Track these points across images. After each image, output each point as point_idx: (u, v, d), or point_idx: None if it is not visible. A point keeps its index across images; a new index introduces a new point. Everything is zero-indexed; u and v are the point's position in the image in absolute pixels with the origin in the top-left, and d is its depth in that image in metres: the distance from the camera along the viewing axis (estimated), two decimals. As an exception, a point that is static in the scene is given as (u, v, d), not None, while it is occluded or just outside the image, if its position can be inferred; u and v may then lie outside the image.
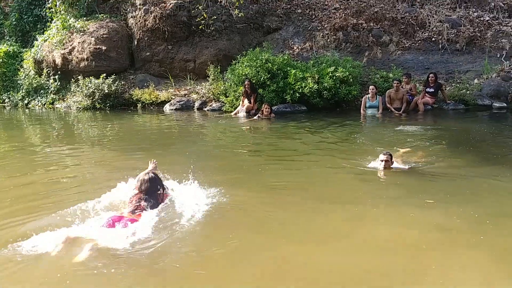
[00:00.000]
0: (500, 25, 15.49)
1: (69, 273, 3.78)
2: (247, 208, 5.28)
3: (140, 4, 16.57)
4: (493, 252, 4.06)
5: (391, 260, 4.04)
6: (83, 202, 5.20)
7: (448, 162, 7.26)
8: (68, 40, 16.97)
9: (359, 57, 15.33)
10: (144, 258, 4.00)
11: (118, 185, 5.59)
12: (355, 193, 5.83)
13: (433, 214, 5.00)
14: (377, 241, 4.43)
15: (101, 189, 5.66)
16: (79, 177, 6.83)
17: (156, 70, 16.71)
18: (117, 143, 10.01)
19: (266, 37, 16.58)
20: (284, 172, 6.95)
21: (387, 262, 4.01)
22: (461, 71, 14.59)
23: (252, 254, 4.19)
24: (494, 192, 5.72)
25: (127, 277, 3.71)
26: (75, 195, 5.78)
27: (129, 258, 3.98)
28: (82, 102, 15.72)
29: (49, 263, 3.93)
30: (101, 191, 5.48)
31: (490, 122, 11.52)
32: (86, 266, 3.85)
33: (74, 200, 5.42)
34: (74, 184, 6.42)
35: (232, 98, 14.03)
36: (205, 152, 8.43)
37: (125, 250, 4.07)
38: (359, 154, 7.86)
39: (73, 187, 6.24)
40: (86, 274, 3.76)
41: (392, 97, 12.93)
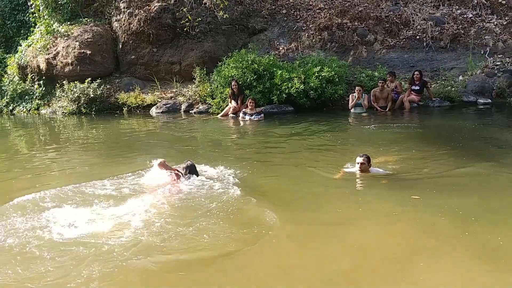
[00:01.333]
0: (483, 22, 15.63)
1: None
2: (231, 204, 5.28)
3: (125, 8, 16.48)
4: (477, 249, 4.09)
5: (377, 260, 4.05)
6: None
7: (434, 159, 7.30)
8: (52, 45, 16.82)
9: (344, 56, 15.38)
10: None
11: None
12: (338, 194, 5.83)
13: (418, 211, 5.02)
14: (361, 241, 4.44)
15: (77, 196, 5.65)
16: (59, 182, 6.75)
17: (141, 73, 16.61)
18: (101, 148, 9.93)
19: (251, 38, 16.57)
20: (266, 174, 6.92)
21: (373, 261, 4.03)
22: (446, 68, 14.69)
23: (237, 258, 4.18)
24: (479, 188, 5.76)
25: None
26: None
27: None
28: (68, 107, 15.59)
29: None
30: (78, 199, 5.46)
31: (475, 119, 11.61)
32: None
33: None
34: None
35: (219, 100, 14.00)
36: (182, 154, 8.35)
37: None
38: (344, 155, 7.87)
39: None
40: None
41: (377, 96, 13.00)
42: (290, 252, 4.28)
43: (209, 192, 5.78)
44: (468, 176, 6.25)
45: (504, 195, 5.50)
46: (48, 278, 3.81)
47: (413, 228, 4.65)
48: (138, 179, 6.49)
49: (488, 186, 5.85)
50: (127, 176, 6.62)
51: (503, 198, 5.36)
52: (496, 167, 6.61)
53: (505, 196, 5.43)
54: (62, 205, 5.35)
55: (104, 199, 5.56)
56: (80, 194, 5.79)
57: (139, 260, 4.04)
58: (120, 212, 5.15)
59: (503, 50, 14.84)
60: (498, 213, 4.96)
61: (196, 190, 5.90)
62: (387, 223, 4.82)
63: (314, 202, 5.54)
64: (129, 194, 5.85)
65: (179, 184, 6.18)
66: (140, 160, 7.77)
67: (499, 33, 15.24)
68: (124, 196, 5.73)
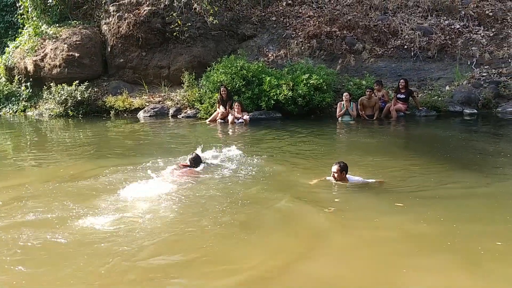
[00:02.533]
0: (470, 33, 15.80)
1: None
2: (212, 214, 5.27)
3: (114, 11, 16.44)
4: (459, 256, 4.12)
5: (362, 267, 4.06)
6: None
7: (419, 168, 7.35)
8: (40, 47, 16.71)
9: (332, 64, 15.46)
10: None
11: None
12: (324, 201, 5.83)
13: (402, 219, 5.05)
14: (346, 248, 4.45)
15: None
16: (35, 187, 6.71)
17: (130, 77, 16.56)
18: (85, 151, 9.81)
19: (241, 44, 16.61)
20: (249, 180, 6.89)
21: (357, 268, 4.04)
22: (433, 78, 14.83)
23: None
24: (462, 198, 5.81)
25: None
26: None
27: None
28: (55, 110, 15.47)
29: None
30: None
31: (461, 129, 11.72)
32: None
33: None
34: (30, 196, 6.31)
35: (207, 105, 14.00)
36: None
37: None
38: (327, 162, 7.87)
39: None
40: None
41: (364, 105, 13.07)
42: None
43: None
44: (452, 186, 6.30)
45: (486, 204, 5.55)
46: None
47: (395, 235, 4.68)
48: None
49: (472, 195, 5.90)
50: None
51: (485, 208, 5.41)
52: (480, 177, 6.67)
53: (487, 206, 5.48)
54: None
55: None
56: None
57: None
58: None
59: (489, 61, 15.01)
60: (479, 222, 5.01)
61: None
62: (373, 230, 4.84)
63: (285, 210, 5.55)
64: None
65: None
66: (125, 162, 7.76)
67: (486, 44, 15.42)
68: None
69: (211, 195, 5.96)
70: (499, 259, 4.06)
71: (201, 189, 6.21)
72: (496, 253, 4.17)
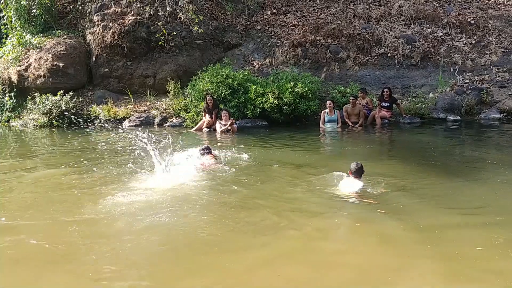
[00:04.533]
0: (452, 40, 16.04)
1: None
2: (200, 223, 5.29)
3: (99, 21, 16.40)
4: (438, 262, 4.16)
5: (340, 273, 4.08)
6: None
7: (402, 174, 7.40)
8: (24, 57, 16.61)
9: (317, 72, 15.57)
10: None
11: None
12: (308, 207, 5.84)
13: (383, 225, 5.08)
14: (328, 255, 4.47)
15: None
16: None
17: (115, 86, 16.52)
18: (64, 160, 9.72)
19: (226, 53, 16.67)
20: (238, 187, 6.90)
21: (335, 275, 4.05)
22: (417, 85, 15.00)
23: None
24: (444, 203, 5.84)
25: None
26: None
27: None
28: (39, 120, 15.35)
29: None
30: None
31: (444, 135, 11.85)
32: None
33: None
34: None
35: (193, 114, 14.00)
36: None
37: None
38: (315, 168, 7.93)
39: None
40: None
41: (349, 112, 13.17)
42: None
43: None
44: (435, 192, 6.34)
45: (466, 210, 5.60)
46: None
47: (376, 240, 4.71)
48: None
49: (453, 201, 5.94)
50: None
51: (467, 214, 5.46)
52: (463, 184, 6.73)
53: (470, 212, 5.53)
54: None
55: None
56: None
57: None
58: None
59: (472, 68, 15.24)
60: (461, 227, 5.04)
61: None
62: (349, 236, 4.88)
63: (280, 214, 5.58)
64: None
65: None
66: (110, 171, 7.73)
67: (468, 51, 15.66)
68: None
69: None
70: (477, 265, 4.10)
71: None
72: (475, 259, 4.22)
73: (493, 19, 16.59)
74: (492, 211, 5.49)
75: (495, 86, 14.52)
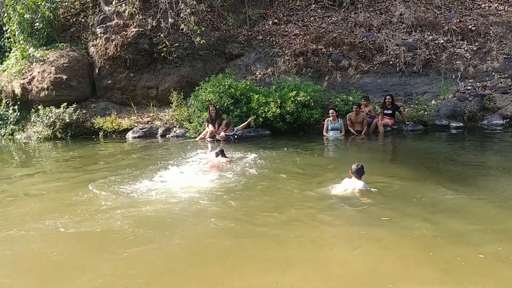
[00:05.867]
0: (454, 47, 16.07)
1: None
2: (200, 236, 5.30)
3: (101, 33, 16.52)
4: (441, 269, 4.14)
5: (345, 282, 4.07)
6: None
7: (406, 181, 7.39)
8: (27, 70, 16.74)
9: (319, 81, 15.62)
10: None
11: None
12: (313, 215, 5.86)
13: (386, 231, 5.09)
14: (331, 262, 4.46)
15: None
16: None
17: (118, 98, 16.60)
18: (69, 173, 9.79)
19: (228, 63, 16.74)
20: (242, 197, 6.91)
21: (340, 284, 4.05)
22: (419, 92, 15.01)
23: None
24: (447, 211, 5.83)
25: None
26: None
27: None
28: (43, 132, 15.44)
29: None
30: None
31: (447, 142, 11.83)
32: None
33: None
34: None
35: (196, 124, 14.05)
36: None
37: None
38: (320, 176, 7.95)
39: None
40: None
41: (352, 120, 13.20)
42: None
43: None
44: (439, 199, 6.33)
45: (472, 217, 5.58)
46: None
47: (379, 248, 4.71)
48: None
49: (456, 208, 5.92)
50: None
51: (471, 221, 5.44)
52: (467, 191, 6.71)
53: (473, 219, 5.51)
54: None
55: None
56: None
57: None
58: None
59: (474, 75, 15.25)
60: (461, 234, 5.03)
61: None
62: (352, 244, 4.87)
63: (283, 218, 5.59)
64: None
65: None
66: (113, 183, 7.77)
67: (470, 58, 15.68)
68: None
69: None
70: (479, 272, 4.09)
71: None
72: (477, 266, 4.21)
73: (494, 25, 16.62)
74: (495, 218, 5.48)
75: (497, 92, 14.52)
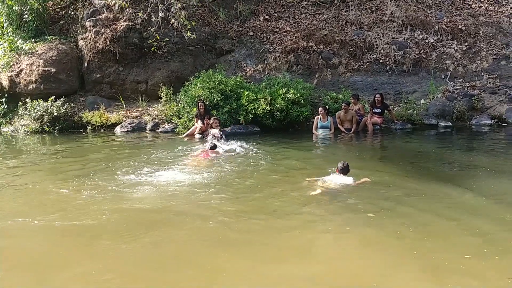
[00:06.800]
0: (444, 47, 16.13)
1: None
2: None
3: (91, 26, 16.37)
4: (426, 269, 4.16)
5: (330, 280, 4.08)
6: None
7: (394, 180, 7.43)
8: (15, 62, 16.51)
9: (309, 79, 15.61)
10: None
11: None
12: (298, 212, 5.86)
13: (372, 230, 5.10)
14: (316, 261, 4.47)
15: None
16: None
17: (107, 92, 16.46)
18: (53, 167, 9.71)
19: (219, 59, 16.67)
20: (227, 192, 6.90)
21: (325, 282, 4.05)
22: (408, 91, 15.06)
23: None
24: (433, 209, 5.86)
25: None
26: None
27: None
28: (30, 126, 15.26)
29: None
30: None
31: (436, 141, 11.91)
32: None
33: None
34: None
35: (185, 120, 13.98)
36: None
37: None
38: (307, 174, 7.94)
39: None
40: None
41: (341, 119, 13.20)
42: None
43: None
44: (426, 198, 6.37)
45: (456, 216, 5.61)
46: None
47: (364, 246, 4.72)
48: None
49: (444, 208, 5.95)
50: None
51: (458, 220, 5.47)
52: (454, 190, 6.76)
53: (458, 218, 5.54)
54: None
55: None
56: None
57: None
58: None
59: (463, 74, 15.33)
60: (448, 234, 5.05)
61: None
62: (338, 241, 4.88)
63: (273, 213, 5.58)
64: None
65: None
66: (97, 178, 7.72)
67: (459, 58, 15.75)
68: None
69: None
70: (464, 272, 4.11)
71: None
72: (461, 265, 4.22)
73: (484, 25, 16.70)
74: (482, 218, 5.50)
75: (486, 92, 14.62)
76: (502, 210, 5.78)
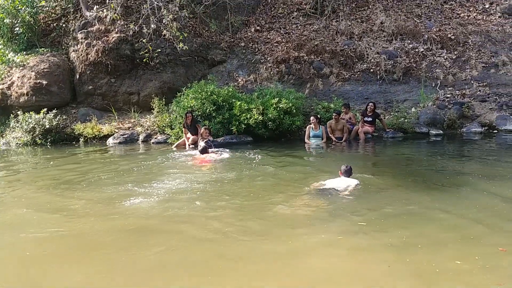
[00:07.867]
0: (434, 56, 16.30)
1: None
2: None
3: (82, 38, 16.41)
4: (418, 276, 4.17)
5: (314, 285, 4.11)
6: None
7: (385, 188, 7.45)
8: (7, 75, 16.52)
9: (301, 88, 15.70)
10: None
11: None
12: (291, 221, 5.87)
13: (364, 238, 5.11)
14: (308, 271, 4.45)
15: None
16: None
17: (99, 103, 16.47)
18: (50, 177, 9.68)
19: (211, 70, 16.75)
20: (220, 202, 6.89)
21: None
22: (399, 100, 15.17)
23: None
24: (425, 216, 5.87)
25: None
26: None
27: None
28: (22, 138, 15.22)
29: None
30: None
31: (427, 149, 11.96)
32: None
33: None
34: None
35: (178, 130, 14.00)
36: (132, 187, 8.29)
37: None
38: (301, 182, 7.97)
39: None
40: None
41: (333, 128, 13.27)
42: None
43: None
44: (417, 206, 6.38)
45: (447, 223, 5.62)
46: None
47: (356, 254, 4.72)
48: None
49: (435, 215, 5.96)
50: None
51: (449, 227, 5.49)
52: (445, 197, 6.77)
53: (449, 225, 5.56)
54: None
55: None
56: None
57: None
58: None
59: (453, 83, 15.48)
60: (439, 241, 5.07)
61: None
62: (329, 249, 4.89)
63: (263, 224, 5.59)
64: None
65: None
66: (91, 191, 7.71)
67: (449, 66, 15.91)
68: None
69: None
70: (455, 279, 4.12)
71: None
72: (453, 272, 4.24)
73: (473, 34, 16.90)
74: (473, 225, 5.52)
75: (476, 100, 14.76)
76: (493, 217, 5.81)
